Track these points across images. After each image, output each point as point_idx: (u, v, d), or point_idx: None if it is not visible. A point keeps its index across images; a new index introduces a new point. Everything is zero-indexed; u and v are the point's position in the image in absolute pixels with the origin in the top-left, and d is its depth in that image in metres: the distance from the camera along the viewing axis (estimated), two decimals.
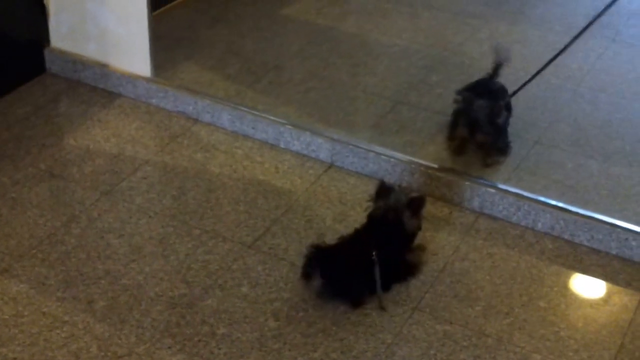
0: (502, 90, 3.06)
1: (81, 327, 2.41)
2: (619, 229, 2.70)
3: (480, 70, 3.58)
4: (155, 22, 3.41)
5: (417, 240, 2.64)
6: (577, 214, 2.76)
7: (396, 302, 2.52)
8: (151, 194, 2.92)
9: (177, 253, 2.67)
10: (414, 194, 2.61)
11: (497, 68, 3.10)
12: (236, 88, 3.43)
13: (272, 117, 3.17)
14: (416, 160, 2.99)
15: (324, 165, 3.09)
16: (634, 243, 2.67)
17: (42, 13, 3.48)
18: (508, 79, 3.13)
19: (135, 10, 3.27)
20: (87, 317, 2.44)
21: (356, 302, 2.50)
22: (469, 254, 2.72)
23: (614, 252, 2.71)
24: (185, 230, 2.77)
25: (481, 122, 2.92)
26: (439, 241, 2.76)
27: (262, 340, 2.39)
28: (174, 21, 3.90)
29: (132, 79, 3.39)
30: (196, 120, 3.30)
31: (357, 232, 2.56)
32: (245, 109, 3.22)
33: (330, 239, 2.61)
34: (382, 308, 2.48)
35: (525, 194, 2.83)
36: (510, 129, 3.18)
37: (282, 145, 3.16)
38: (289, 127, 3.14)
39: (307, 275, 2.52)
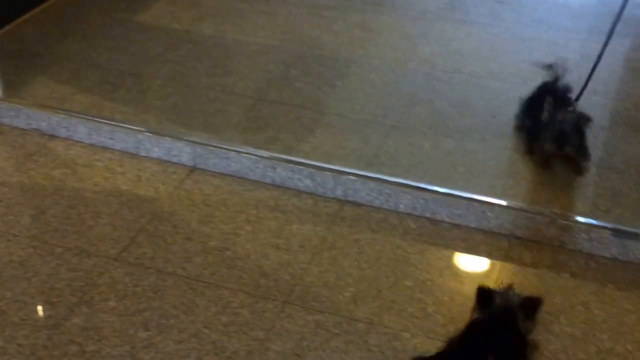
0: (569, 90, 3.02)
1: None
2: (476, 203, 2.79)
3: (336, 60, 3.66)
4: (3, 40, 3.31)
5: None
6: (436, 192, 2.84)
7: (266, 298, 2.53)
8: (9, 216, 2.83)
9: (39, 274, 2.60)
10: (527, 295, 2.24)
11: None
12: (93, 100, 3.36)
13: (129, 126, 3.13)
14: (277, 155, 3.00)
15: (187, 169, 3.07)
16: (490, 215, 2.77)
17: None
18: (365, 68, 3.19)
19: None
20: None
21: None
22: (335, 242, 2.75)
23: (473, 225, 2.80)
24: (47, 250, 2.69)
25: (569, 134, 2.85)
26: (306, 233, 2.78)
27: (133, 353, 2.35)
28: (22, 38, 3.78)
29: None
30: (52, 136, 3.22)
31: (463, 341, 2.18)
32: (102, 120, 3.16)
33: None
34: None
35: (386, 178, 2.89)
36: (368, 115, 3.26)
37: (142, 153, 3.12)
38: (148, 134, 3.10)
39: None
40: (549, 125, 2.89)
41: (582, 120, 2.89)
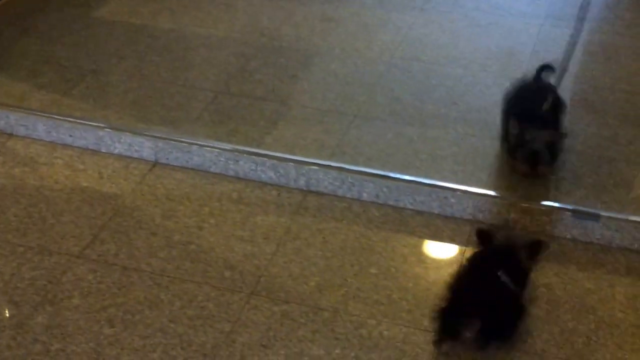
0: (551, 90, 2.93)
1: None
2: (438, 189, 2.81)
3: (296, 51, 3.66)
4: None
5: None
6: (398, 179, 2.85)
7: (232, 290, 2.53)
8: None
9: (1, 274, 2.57)
10: (533, 238, 2.43)
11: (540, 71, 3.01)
12: (51, 97, 3.32)
13: (89, 122, 3.10)
14: (240, 147, 2.99)
15: (149, 164, 3.05)
16: (453, 200, 2.79)
17: None
18: (326, 58, 3.18)
19: None
20: None
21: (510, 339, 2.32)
22: (300, 232, 2.75)
23: (436, 211, 2.82)
24: (8, 249, 2.66)
25: (542, 155, 2.78)
26: (270, 224, 2.78)
27: (99, 350, 2.34)
28: None
29: None
30: (11, 135, 3.18)
31: (473, 273, 2.33)
32: (61, 117, 3.13)
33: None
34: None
35: (348, 166, 2.90)
36: (329, 105, 3.27)
37: (103, 150, 3.10)
38: (108, 130, 3.08)
39: (446, 336, 2.29)
40: (521, 147, 2.81)
41: (556, 138, 2.84)
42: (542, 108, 2.84)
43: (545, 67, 3.01)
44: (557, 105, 2.91)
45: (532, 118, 2.81)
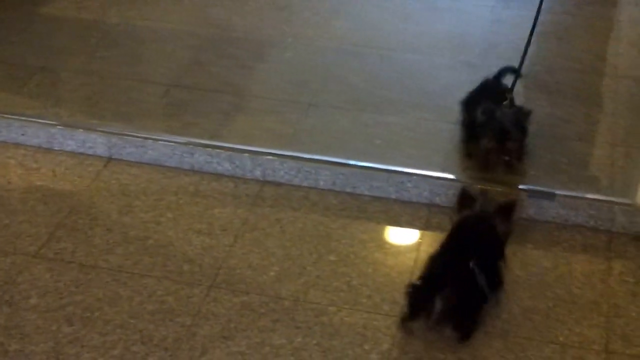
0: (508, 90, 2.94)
1: None
2: (394, 174, 2.82)
3: (249, 42, 3.64)
4: None
5: None
6: (354, 166, 2.85)
7: (191, 284, 2.51)
8: None
9: None
10: (503, 200, 2.53)
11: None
12: (1, 96, 3.26)
13: (40, 120, 3.06)
14: (195, 140, 2.97)
15: (103, 160, 3.02)
16: (409, 184, 2.80)
17: None
18: (279, 47, 3.16)
19: None
20: None
21: (468, 332, 2.34)
22: (257, 223, 2.74)
23: (393, 196, 2.83)
24: None
25: (510, 130, 2.76)
26: (227, 216, 2.77)
27: (58, 348, 2.31)
28: None
29: None
30: None
31: (447, 245, 2.38)
32: (11, 116, 3.08)
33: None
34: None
35: (304, 155, 2.89)
36: (283, 94, 3.26)
37: (56, 147, 3.06)
38: (60, 127, 3.04)
39: (418, 310, 2.29)
40: (488, 124, 2.80)
41: (522, 115, 2.84)
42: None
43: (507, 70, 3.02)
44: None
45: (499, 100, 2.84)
